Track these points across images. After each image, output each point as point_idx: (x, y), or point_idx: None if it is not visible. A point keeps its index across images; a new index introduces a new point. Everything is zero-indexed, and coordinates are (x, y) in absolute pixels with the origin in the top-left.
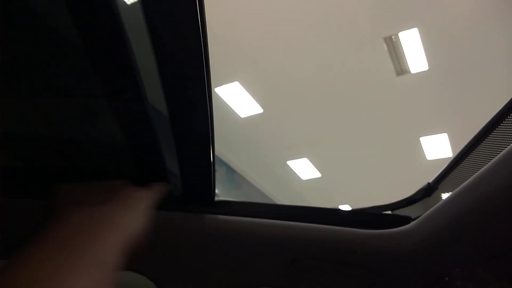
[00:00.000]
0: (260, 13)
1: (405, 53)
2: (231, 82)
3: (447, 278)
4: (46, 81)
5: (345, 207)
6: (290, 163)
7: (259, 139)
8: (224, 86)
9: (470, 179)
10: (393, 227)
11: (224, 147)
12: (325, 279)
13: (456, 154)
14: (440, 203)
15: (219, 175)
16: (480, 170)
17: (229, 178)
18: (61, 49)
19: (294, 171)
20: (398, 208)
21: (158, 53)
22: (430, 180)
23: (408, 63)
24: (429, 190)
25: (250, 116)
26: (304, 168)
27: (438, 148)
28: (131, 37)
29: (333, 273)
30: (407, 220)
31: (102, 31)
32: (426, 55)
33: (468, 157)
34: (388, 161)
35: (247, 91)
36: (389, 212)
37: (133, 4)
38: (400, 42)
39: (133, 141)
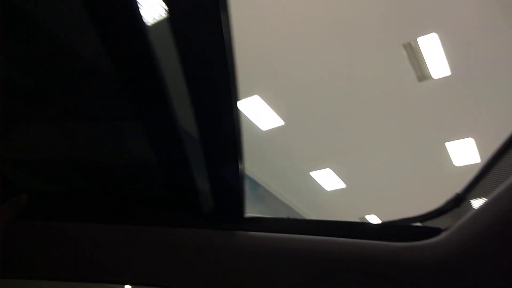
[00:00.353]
0: (277, 25)
1: (425, 59)
2: (251, 95)
3: None
4: (79, 107)
5: (372, 218)
6: (313, 174)
7: (281, 151)
8: (244, 100)
9: (500, 187)
10: (423, 239)
11: (246, 160)
12: None
13: (483, 163)
14: (470, 213)
15: None
16: (511, 178)
17: (252, 192)
18: (97, 78)
19: (317, 182)
20: (427, 220)
21: (187, 74)
22: (459, 191)
23: (429, 69)
24: (458, 201)
25: (272, 129)
26: (328, 179)
27: (465, 153)
28: (161, 59)
29: (364, 287)
30: (437, 231)
31: (134, 57)
32: (448, 59)
33: (497, 165)
34: (414, 168)
35: (267, 104)
36: (419, 223)
37: (162, 27)
38: (419, 47)
39: (164, 160)
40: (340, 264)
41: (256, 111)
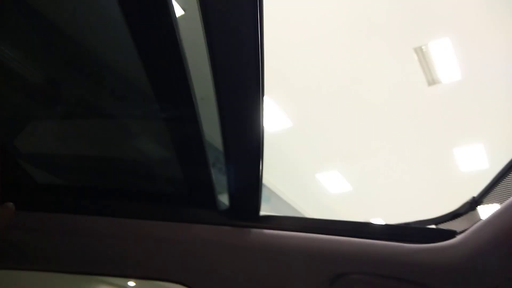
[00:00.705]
0: (288, 26)
1: (436, 63)
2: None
3: None
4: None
5: (377, 221)
6: (319, 176)
7: (288, 153)
8: None
9: None
10: (438, 241)
11: None
12: None
13: (502, 167)
14: (487, 217)
15: None
16: None
17: None
18: (123, 76)
19: (323, 184)
20: (442, 222)
21: (216, 72)
22: (468, 195)
23: (439, 73)
24: (474, 204)
25: (279, 130)
26: (334, 181)
27: (474, 159)
28: (188, 57)
29: (377, 287)
30: (452, 234)
31: (162, 55)
32: (459, 65)
33: None
34: (421, 173)
35: (276, 105)
36: (433, 226)
37: (193, 26)
38: (430, 52)
39: (183, 158)
40: (354, 264)
41: (265, 112)
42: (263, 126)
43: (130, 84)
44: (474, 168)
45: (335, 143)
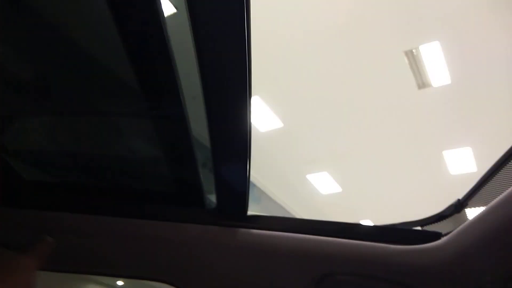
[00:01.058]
0: (280, 28)
1: (426, 67)
2: (252, 96)
3: None
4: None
5: (366, 223)
6: (310, 177)
7: (279, 153)
8: None
9: (501, 195)
10: (424, 243)
11: None
12: None
13: (487, 170)
14: (471, 219)
15: None
16: (510, 188)
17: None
18: (110, 73)
19: (313, 185)
20: (428, 224)
21: (203, 71)
22: (455, 197)
23: (430, 77)
24: (459, 206)
25: (270, 130)
26: (324, 183)
27: (462, 162)
28: (176, 56)
29: None
30: (437, 236)
31: (150, 53)
32: (449, 68)
33: (499, 173)
34: (410, 175)
35: (267, 106)
36: (419, 228)
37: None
38: (421, 55)
39: (171, 157)
40: (340, 264)
41: (256, 112)
42: (250, 126)
43: (116, 81)
44: (463, 171)
45: (326, 145)
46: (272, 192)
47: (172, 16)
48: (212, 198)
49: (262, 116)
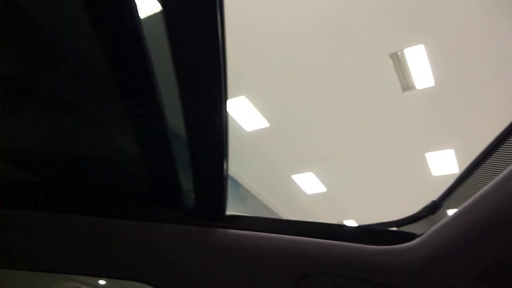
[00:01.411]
0: (266, 28)
1: (410, 69)
2: (238, 96)
3: None
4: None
5: (350, 222)
6: (295, 177)
7: (265, 153)
8: (230, 100)
9: (472, 197)
10: (399, 243)
11: (229, 160)
12: None
13: (460, 173)
14: (444, 220)
15: None
16: (482, 189)
17: (233, 192)
18: (88, 72)
19: (299, 185)
20: (404, 225)
21: (179, 72)
22: (435, 198)
23: (414, 79)
24: (434, 208)
25: (256, 130)
26: (309, 183)
27: (445, 164)
28: (153, 57)
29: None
30: (412, 236)
31: (126, 52)
32: (432, 71)
33: (472, 176)
34: (394, 176)
35: (253, 105)
36: (395, 228)
37: (156, 24)
38: (405, 58)
39: (149, 156)
40: (317, 264)
41: (242, 112)
42: (226, 125)
43: (94, 80)
44: (445, 173)
45: (311, 145)
46: (257, 192)
47: (149, 16)
48: (192, 198)
49: (248, 116)
